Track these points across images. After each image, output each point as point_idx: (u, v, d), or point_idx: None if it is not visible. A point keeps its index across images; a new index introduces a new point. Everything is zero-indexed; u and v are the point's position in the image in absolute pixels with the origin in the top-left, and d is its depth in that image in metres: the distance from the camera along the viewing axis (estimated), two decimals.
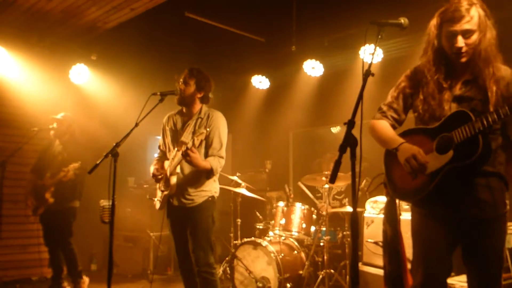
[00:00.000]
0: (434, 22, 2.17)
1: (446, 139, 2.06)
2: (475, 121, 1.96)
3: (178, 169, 3.38)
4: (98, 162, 2.94)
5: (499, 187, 2.09)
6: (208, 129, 3.23)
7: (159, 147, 3.74)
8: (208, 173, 3.36)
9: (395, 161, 2.21)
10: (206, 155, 3.40)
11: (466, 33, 2.06)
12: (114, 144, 2.96)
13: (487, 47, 2.07)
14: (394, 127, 2.33)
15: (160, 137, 3.73)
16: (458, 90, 2.15)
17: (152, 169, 3.51)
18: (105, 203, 4.92)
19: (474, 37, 2.07)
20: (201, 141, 3.15)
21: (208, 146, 3.41)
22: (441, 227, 2.14)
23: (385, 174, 2.35)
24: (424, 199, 2.13)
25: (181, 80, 3.50)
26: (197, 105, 3.54)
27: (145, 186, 6.53)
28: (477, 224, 2.07)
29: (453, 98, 2.14)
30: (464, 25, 2.04)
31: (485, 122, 1.92)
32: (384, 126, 2.32)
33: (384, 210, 2.56)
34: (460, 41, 2.06)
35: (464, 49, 2.07)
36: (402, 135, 2.26)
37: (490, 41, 2.08)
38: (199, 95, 3.51)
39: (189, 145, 3.11)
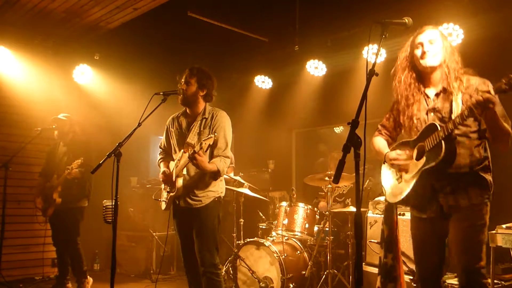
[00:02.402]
0: (406, 48, 2.59)
1: (422, 148, 2.42)
2: (439, 131, 2.30)
3: (184, 171, 3.37)
4: (101, 162, 2.94)
5: (473, 183, 2.38)
6: (216, 134, 3.20)
7: (160, 147, 3.72)
8: (215, 175, 3.35)
9: (387, 173, 2.67)
10: (211, 155, 3.38)
11: (431, 40, 2.47)
12: (117, 144, 2.96)
13: (452, 63, 2.45)
14: (389, 142, 2.76)
15: (162, 137, 3.72)
16: (431, 101, 2.52)
17: (161, 174, 3.50)
18: (108, 203, 4.93)
19: (439, 45, 2.47)
20: (209, 145, 3.14)
21: (213, 146, 3.36)
22: (430, 226, 2.51)
23: (382, 184, 2.74)
24: (411, 200, 2.48)
25: (183, 80, 3.46)
26: (201, 104, 3.51)
27: (147, 186, 6.54)
28: (454, 213, 2.40)
29: (429, 110, 2.51)
30: (429, 35, 2.49)
31: (445, 131, 2.27)
32: (378, 140, 2.76)
33: (383, 212, 3.02)
34: (427, 46, 2.47)
35: (429, 52, 2.45)
36: (395, 147, 2.66)
37: (455, 58, 2.47)
38: (201, 93, 3.47)
39: (197, 148, 3.08)
